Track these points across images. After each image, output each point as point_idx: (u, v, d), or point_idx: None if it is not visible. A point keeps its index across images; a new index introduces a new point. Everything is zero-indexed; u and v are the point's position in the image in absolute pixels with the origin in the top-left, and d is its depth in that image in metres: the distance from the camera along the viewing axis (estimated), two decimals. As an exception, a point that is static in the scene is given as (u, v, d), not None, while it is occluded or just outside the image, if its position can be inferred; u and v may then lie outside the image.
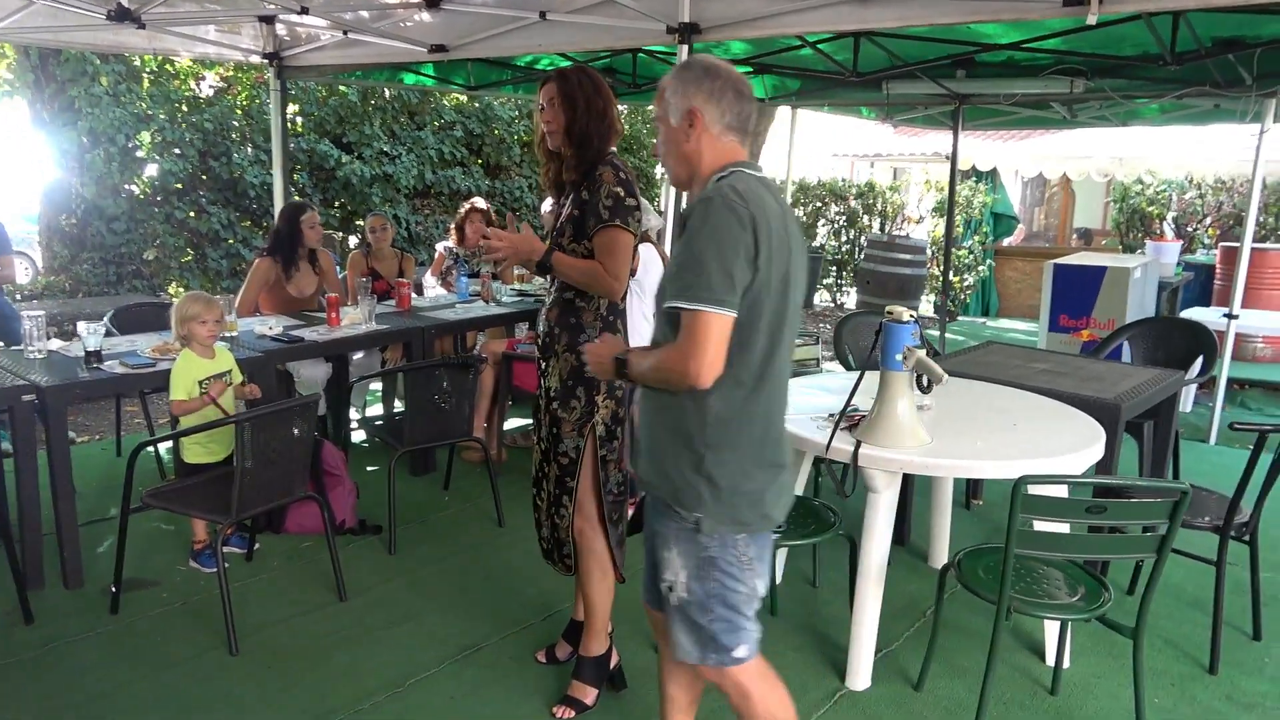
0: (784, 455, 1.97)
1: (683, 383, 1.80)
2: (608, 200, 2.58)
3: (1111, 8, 3.12)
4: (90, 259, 7.96)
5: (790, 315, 1.90)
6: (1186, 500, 2.25)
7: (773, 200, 1.86)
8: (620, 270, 2.61)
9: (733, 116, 1.91)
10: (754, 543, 1.95)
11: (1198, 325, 4.70)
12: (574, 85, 2.66)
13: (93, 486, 4.50)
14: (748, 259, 1.77)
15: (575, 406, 2.71)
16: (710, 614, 1.95)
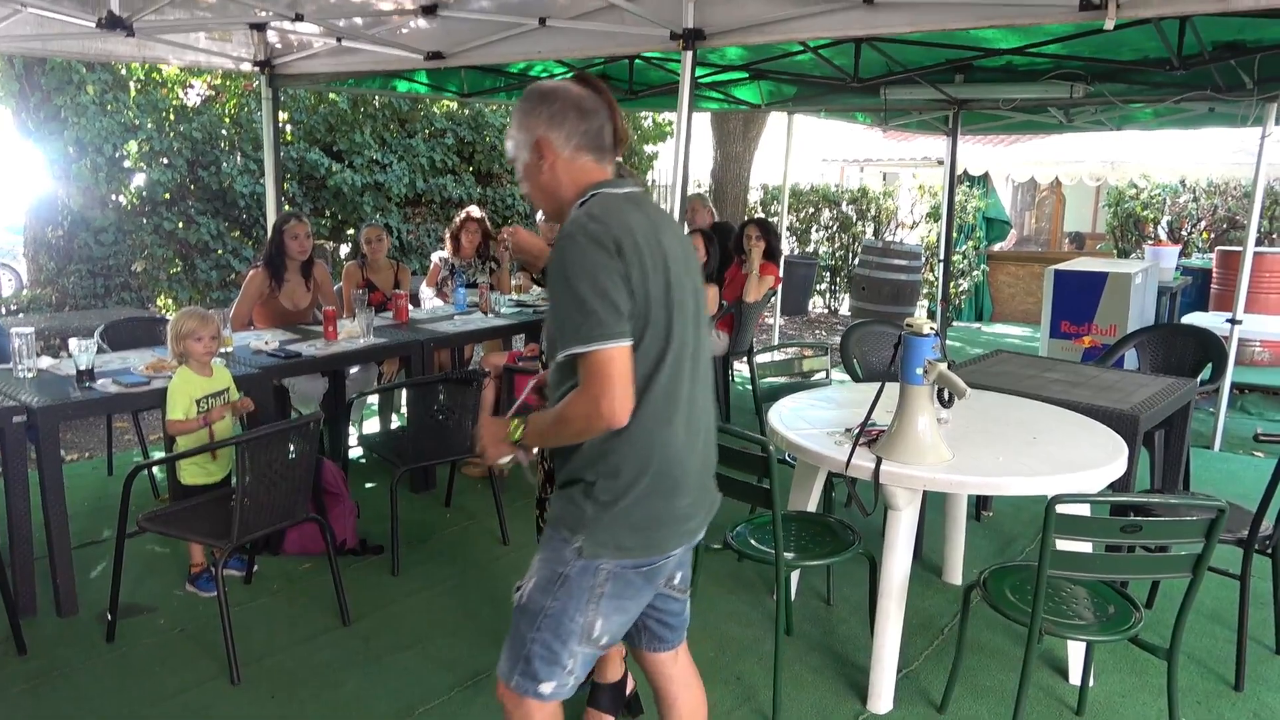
0: (683, 479, 1.84)
1: (598, 426, 1.71)
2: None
3: (1129, 12, 3.07)
4: (77, 271, 7.82)
5: (681, 329, 1.80)
6: (1224, 519, 2.19)
7: (640, 215, 1.80)
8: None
9: (580, 137, 1.83)
10: (615, 579, 1.82)
11: (1205, 332, 4.66)
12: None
13: (84, 508, 4.38)
14: (624, 283, 1.70)
15: None
16: (536, 631, 1.85)
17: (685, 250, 1.90)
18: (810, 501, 3.33)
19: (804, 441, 2.87)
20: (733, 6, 3.82)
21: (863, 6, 3.54)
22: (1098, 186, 12.12)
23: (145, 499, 4.42)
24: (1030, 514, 4.44)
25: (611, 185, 1.85)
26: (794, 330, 10.45)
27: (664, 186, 12.47)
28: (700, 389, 1.90)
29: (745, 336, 5.92)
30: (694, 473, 1.88)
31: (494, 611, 3.47)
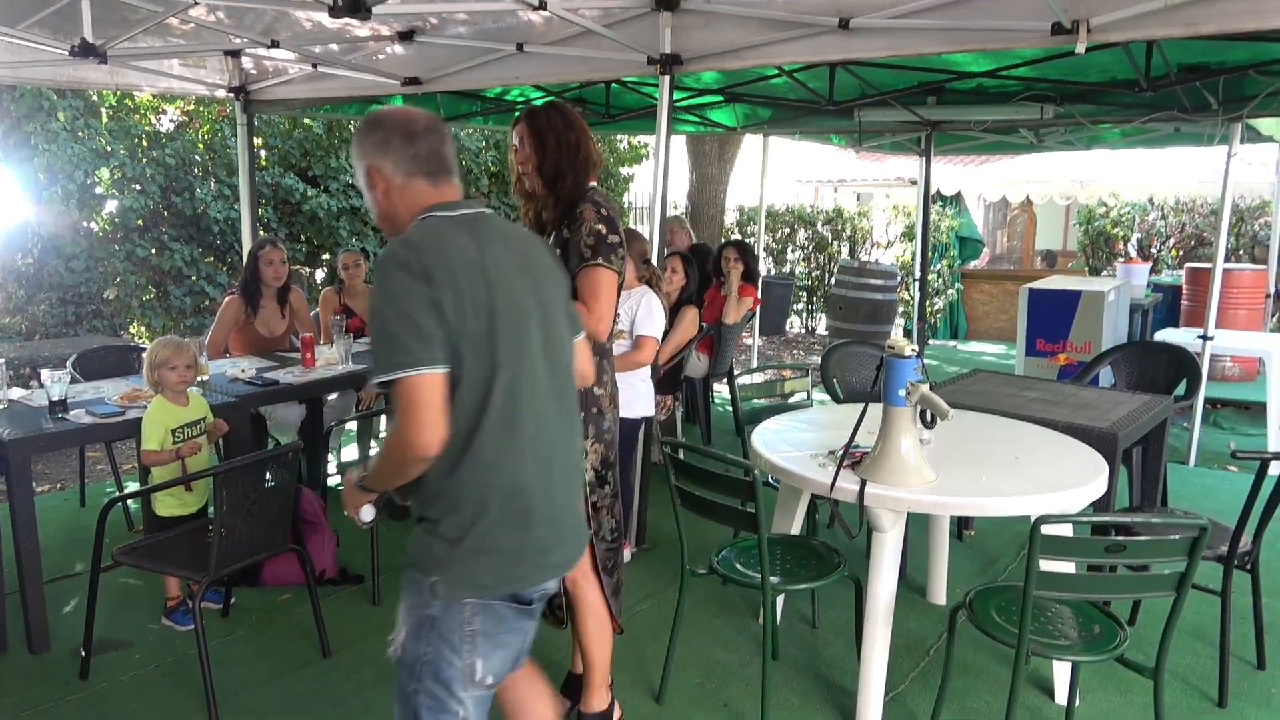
0: (535, 511, 1.77)
1: (412, 456, 1.65)
2: (589, 238, 2.52)
3: (1099, 36, 3.13)
4: (48, 299, 7.70)
5: (516, 354, 1.75)
6: (1205, 536, 2.21)
7: (466, 239, 1.74)
8: (604, 310, 2.55)
9: (410, 161, 1.80)
10: (483, 614, 1.75)
11: (1179, 349, 4.72)
12: (543, 122, 2.61)
13: (56, 540, 4.29)
14: (433, 310, 1.64)
15: None
16: (417, 682, 1.76)
17: (535, 271, 1.85)
18: (794, 524, 3.32)
19: (788, 465, 2.86)
20: (710, 32, 3.85)
21: (838, 31, 3.58)
22: (1068, 205, 12.30)
23: (119, 530, 4.34)
24: (1011, 532, 4.46)
25: (445, 208, 1.80)
26: (772, 350, 10.48)
27: (641, 209, 12.52)
28: (552, 414, 1.83)
29: (725, 358, 5.93)
30: (548, 502, 1.80)
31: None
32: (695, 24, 3.87)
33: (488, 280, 1.72)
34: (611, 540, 2.76)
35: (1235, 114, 5.51)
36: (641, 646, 3.35)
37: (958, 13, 3.36)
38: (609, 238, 2.55)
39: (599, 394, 2.67)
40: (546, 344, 1.82)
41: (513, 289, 1.77)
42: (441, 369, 1.64)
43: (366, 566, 3.81)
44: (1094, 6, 3.11)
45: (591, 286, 2.53)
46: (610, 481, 2.73)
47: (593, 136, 2.68)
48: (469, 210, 1.82)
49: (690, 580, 2.97)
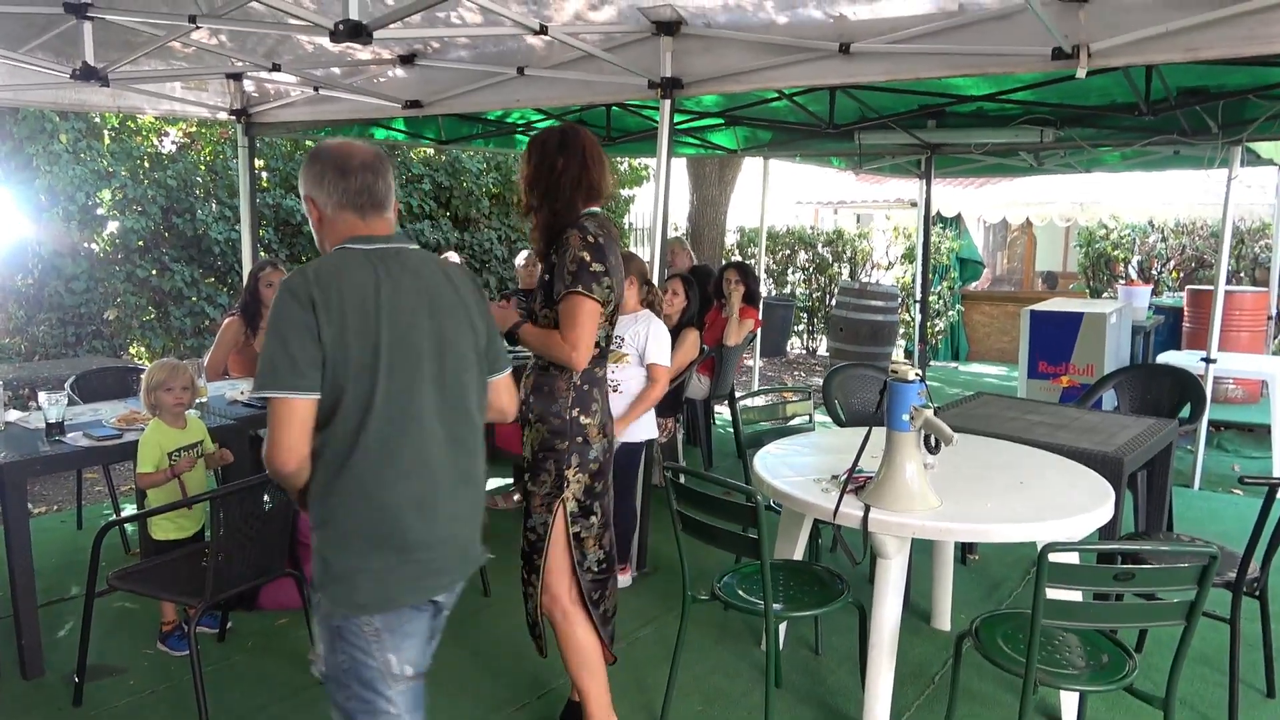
0: (412, 536, 1.83)
1: (272, 471, 1.78)
2: (571, 265, 2.50)
3: (1100, 61, 3.13)
4: (48, 320, 7.69)
5: (401, 385, 1.81)
6: (1215, 565, 2.18)
7: (365, 273, 1.82)
8: (579, 339, 2.51)
9: (340, 194, 1.89)
10: (380, 614, 1.83)
11: (1183, 372, 4.71)
12: (540, 141, 2.62)
13: (51, 563, 4.26)
14: (311, 338, 1.74)
15: (545, 480, 2.61)
16: (346, 690, 1.85)
17: (441, 308, 1.90)
18: (797, 549, 3.29)
19: (791, 490, 2.84)
20: (710, 56, 3.86)
21: (838, 55, 3.59)
22: (1068, 227, 12.32)
23: (116, 553, 4.30)
24: (1016, 557, 4.42)
25: (362, 241, 1.88)
26: (773, 372, 10.46)
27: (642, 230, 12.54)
28: (439, 446, 1.88)
29: (726, 380, 5.91)
30: (426, 529, 1.85)
31: (475, 665, 3.39)
32: (696, 48, 3.88)
33: (378, 314, 1.80)
34: (599, 571, 2.71)
35: (1235, 137, 5.52)
36: (643, 673, 3.30)
37: (958, 37, 3.37)
38: (592, 265, 2.50)
39: (585, 423, 2.62)
40: (440, 378, 1.88)
41: (406, 324, 1.84)
42: (306, 395, 1.74)
43: (364, 591, 3.76)
44: (1095, 31, 3.11)
45: (569, 315, 2.51)
46: (597, 511, 2.67)
47: (597, 164, 2.61)
48: (385, 245, 1.90)
49: (692, 606, 2.94)
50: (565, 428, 2.59)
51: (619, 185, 12.36)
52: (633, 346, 3.77)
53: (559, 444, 2.59)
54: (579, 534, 2.64)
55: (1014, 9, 3.21)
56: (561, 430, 2.59)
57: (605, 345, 2.68)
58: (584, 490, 2.63)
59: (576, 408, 2.60)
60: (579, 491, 2.62)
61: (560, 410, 2.59)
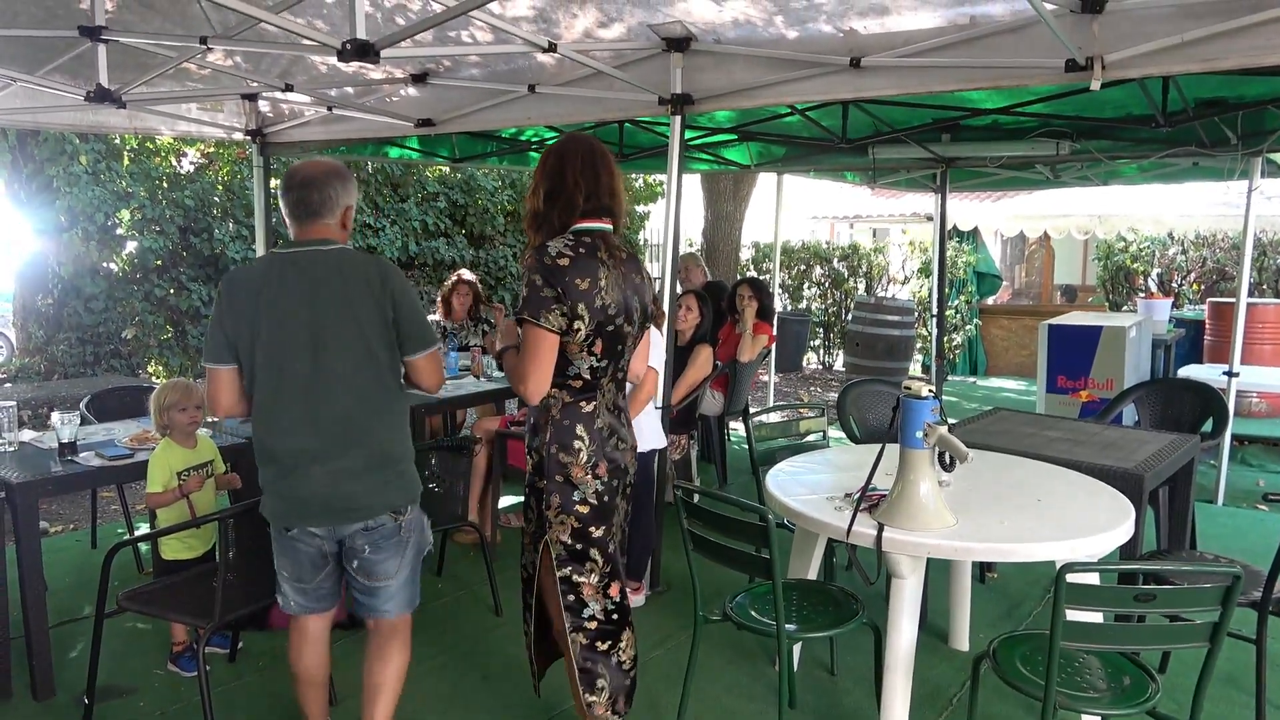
0: (294, 471, 2.40)
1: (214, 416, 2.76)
2: (524, 289, 2.39)
3: (1114, 73, 3.09)
4: (67, 339, 7.77)
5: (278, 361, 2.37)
6: (1239, 585, 2.12)
7: (266, 271, 2.40)
8: (526, 370, 2.36)
9: (286, 207, 2.45)
10: (274, 533, 2.54)
11: (1205, 387, 4.63)
12: (551, 151, 2.54)
13: (66, 583, 4.27)
14: (219, 324, 2.39)
15: (531, 517, 2.56)
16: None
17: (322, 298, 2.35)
18: (811, 568, 3.24)
19: (803, 508, 2.80)
20: (720, 72, 3.85)
21: (849, 70, 3.57)
22: (1086, 240, 12.22)
23: (129, 573, 4.31)
24: (1036, 575, 4.34)
25: (284, 246, 2.46)
26: (789, 387, 10.41)
27: (656, 246, 12.54)
28: (314, 407, 2.36)
29: (740, 396, 5.87)
30: (296, 474, 2.40)
31: (486, 687, 3.35)
32: (706, 64, 3.87)
33: (259, 303, 2.36)
34: (605, 620, 2.55)
35: (1255, 148, 5.45)
36: (655, 695, 3.26)
37: (970, 50, 3.34)
38: (542, 290, 2.34)
39: (565, 461, 2.47)
40: (315, 357, 2.36)
41: (284, 310, 2.36)
42: (225, 366, 2.41)
43: (376, 611, 3.74)
44: (1109, 43, 3.07)
45: (522, 344, 2.39)
46: (596, 559, 2.52)
47: (608, 172, 2.50)
48: (296, 249, 2.42)
49: (704, 626, 2.89)
50: (544, 464, 2.48)
51: (634, 201, 12.39)
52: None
53: (538, 481, 2.50)
54: (569, 576, 2.51)
55: (1026, 21, 3.18)
56: (540, 467, 2.49)
57: (595, 378, 2.48)
58: (571, 533, 2.48)
59: (555, 444, 2.46)
60: (564, 534, 2.48)
61: (540, 445, 2.48)
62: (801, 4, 3.39)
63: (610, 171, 2.51)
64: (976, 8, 3.26)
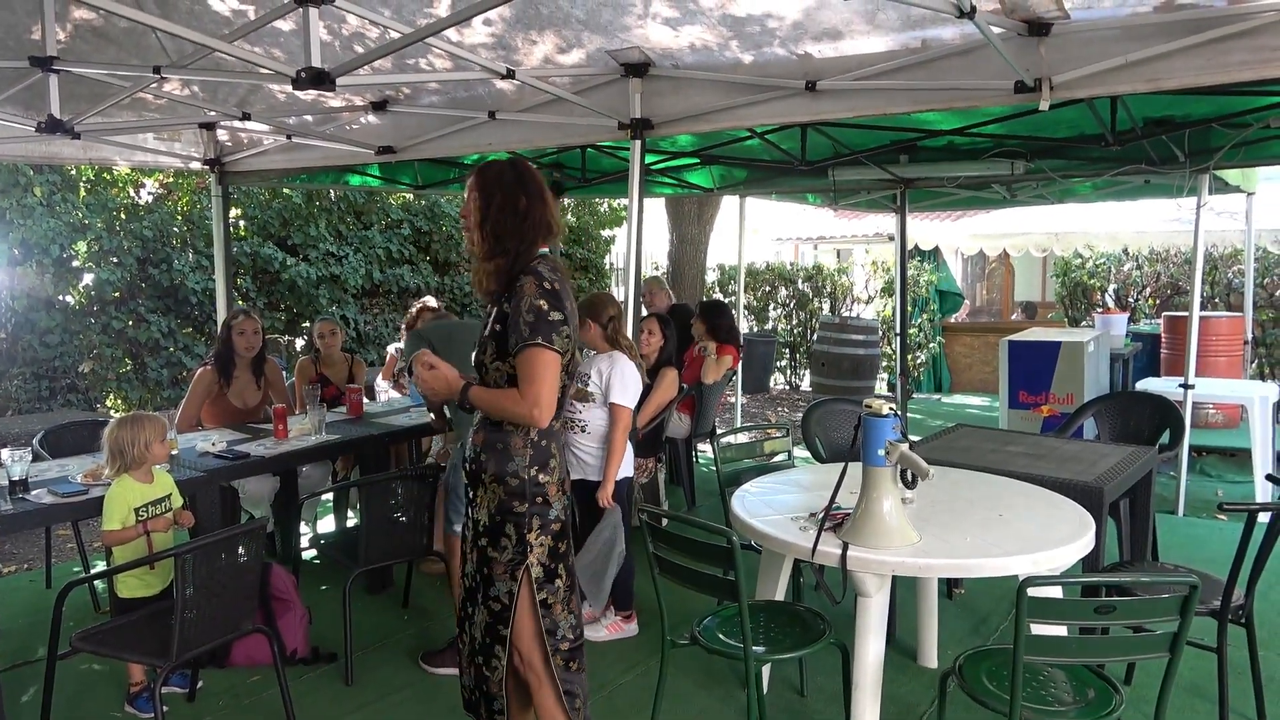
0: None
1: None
2: (529, 315, 2.31)
3: (1062, 94, 3.16)
4: (20, 374, 7.61)
5: None
6: (1196, 594, 2.15)
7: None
8: (542, 394, 2.32)
9: None
10: None
11: (1162, 399, 4.71)
12: (493, 178, 2.43)
13: (19, 624, 4.16)
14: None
15: (506, 546, 2.41)
16: None
17: None
18: (779, 589, 3.23)
19: (768, 529, 2.80)
20: (679, 96, 3.89)
21: (805, 94, 3.62)
22: (1044, 257, 12.43)
23: (85, 612, 4.20)
24: (1002, 589, 4.36)
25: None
26: (756, 408, 10.44)
27: (621, 270, 12.57)
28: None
29: (707, 418, 5.88)
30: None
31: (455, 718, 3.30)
32: (664, 89, 3.90)
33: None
34: (574, 639, 2.53)
35: (1202, 166, 5.58)
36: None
37: (922, 73, 3.40)
38: (550, 314, 2.33)
39: (544, 481, 2.44)
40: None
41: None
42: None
43: (340, 645, 3.68)
44: (1055, 65, 3.15)
45: (528, 370, 2.32)
46: (562, 574, 2.50)
47: (551, 201, 2.49)
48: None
49: (673, 650, 2.87)
50: (523, 488, 2.41)
51: (599, 226, 12.42)
52: (597, 385, 3.74)
53: (517, 506, 2.41)
54: (545, 600, 2.47)
55: (975, 44, 3.25)
56: (520, 491, 2.41)
57: (563, 398, 2.49)
58: (548, 553, 2.45)
59: (535, 466, 2.42)
60: (543, 555, 2.44)
61: (518, 470, 2.40)
62: (756, 29, 3.44)
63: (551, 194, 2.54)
64: (927, 31, 3.32)
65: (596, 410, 3.74)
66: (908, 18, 3.26)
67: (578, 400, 3.80)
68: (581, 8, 3.43)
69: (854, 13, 3.26)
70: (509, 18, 3.58)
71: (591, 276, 12.18)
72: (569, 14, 3.49)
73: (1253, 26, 2.89)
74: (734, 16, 3.38)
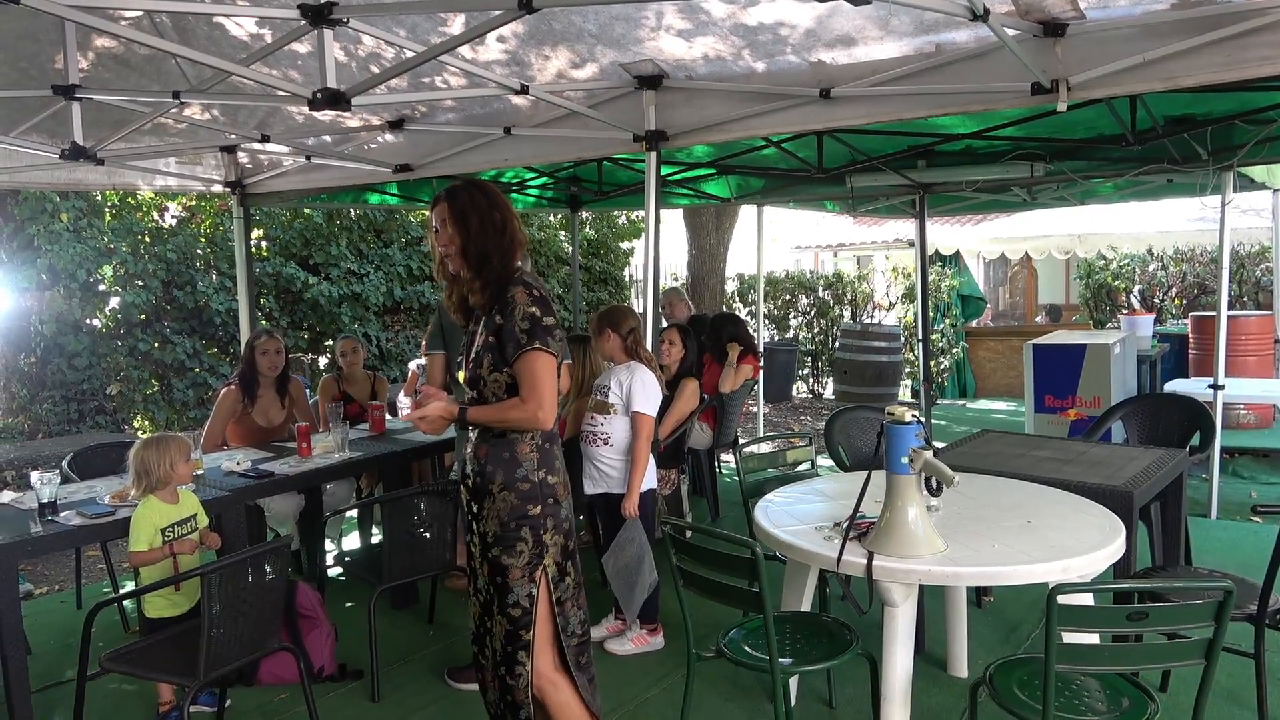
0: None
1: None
2: (524, 322, 2.44)
3: (1079, 94, 3.13)
4: (50, 397, 7.71)
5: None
6: (1232, 599, 2.11)
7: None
8: (545, 397, 2.44)
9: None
10: None
11: (1191, 400, 4.64)
12: (465, 202, 2.52)
13: (50, 646, 4.19)
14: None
15: (522, 550, 2.48)
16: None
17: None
18: (804, 599, 3.20)
19: (793, 539, 2.77)
20: (693, 108, 3.89)
21: (820, 101, 3.61)
22: (1067, 259, 12.31)
23: (115, 633, 4.24)
24: (1033, 597, 4.31)
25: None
26: (779, 417, 10.39)
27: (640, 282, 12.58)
28: None
29: (729, 428, 5.86)
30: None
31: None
32: (678, 100, 3.90)
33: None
34: (582, 633, 2.61)
35: (1225, 163, 5.51)
36: (651, 736, 3.21)
37: (937, 77, 3.38)
38: (543, 320, 2.46)
39: (553, 483, 2.54)
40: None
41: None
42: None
43: (366, 661, 3.68)
44: (1072, 65, 3.12)
45: (529, 375, 2.43)
46: (571, 572, 2.58)
47: (516, 214, 2.61)
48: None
49: (699, 663, 2.85)
50: (535, 491, 2.49)
51: (618, 238, 12.46)
52: (618, 396, 3.74)
53: (531, 509, 2.48)
54: (560, 598, 2.54)
55: (990, 47, 3.22)
56: (532, 495, 2.49)
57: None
58: (560, 552, 2.54)
59: (543, 469, 2.52)
60: (557, 554, 2.52)
61: (527, 474, 2.49)
62: (768, 37, 3.43)
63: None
64: (941, 35, 3.30)
65: (618, 421, 3.74)
66: (921, 22, 3.25)
67: (598, 413, 3.80)
68: (594, 22, 3.45)
69: (866, 19, 3.25)
70: (522, 34, 3.60)
71: (611, 289, 12.20)
72: (581, 29, 3.50)
73: (1271, 21, 2.84)
74: (746, 26, 3.38)
